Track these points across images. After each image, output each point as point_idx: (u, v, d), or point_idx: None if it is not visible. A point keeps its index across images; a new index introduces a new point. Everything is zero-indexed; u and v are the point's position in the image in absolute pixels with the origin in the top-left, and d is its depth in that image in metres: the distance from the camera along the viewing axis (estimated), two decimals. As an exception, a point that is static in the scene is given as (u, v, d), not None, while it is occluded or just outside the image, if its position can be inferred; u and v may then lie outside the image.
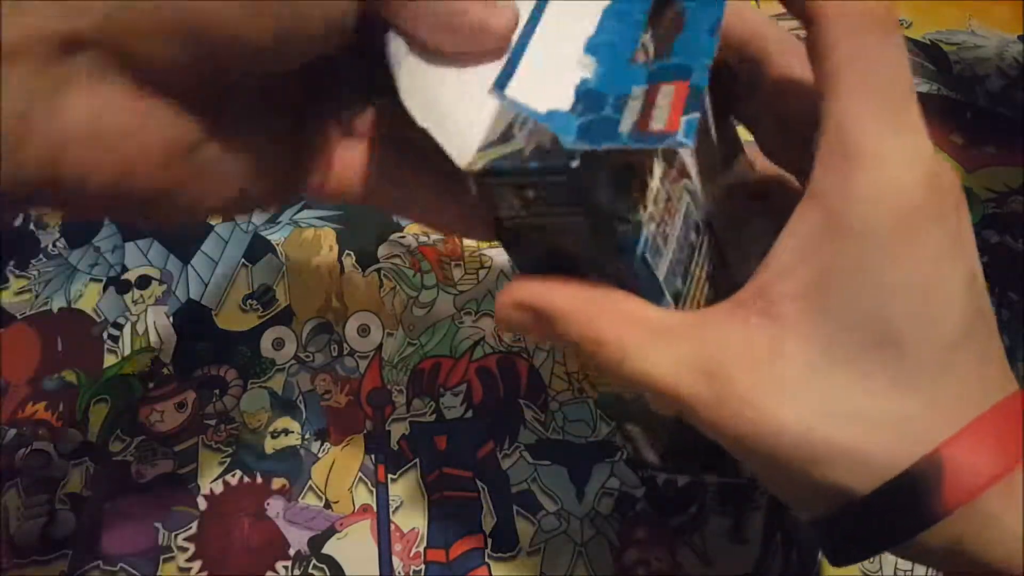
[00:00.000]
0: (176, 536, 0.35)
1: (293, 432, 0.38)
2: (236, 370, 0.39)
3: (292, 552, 0.35)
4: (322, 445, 0.37)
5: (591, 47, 0.21)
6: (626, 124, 0.19)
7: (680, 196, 0.23)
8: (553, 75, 0.20)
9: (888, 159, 0.19)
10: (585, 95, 0.20)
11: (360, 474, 0.37)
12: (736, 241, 0.26)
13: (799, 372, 0.19)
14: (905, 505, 0.19)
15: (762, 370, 0.20)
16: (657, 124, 0.19)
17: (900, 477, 0.19)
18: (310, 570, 0.35)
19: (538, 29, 0.21)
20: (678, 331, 0.21)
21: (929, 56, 0.50)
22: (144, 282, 0.42)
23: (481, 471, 0.37)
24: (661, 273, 0.22)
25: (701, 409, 0.20)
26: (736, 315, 0.20)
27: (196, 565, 0.35)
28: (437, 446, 0.37)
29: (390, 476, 0.37)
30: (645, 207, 0.21)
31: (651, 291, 0.22)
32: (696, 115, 0.19)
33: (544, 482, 0.37)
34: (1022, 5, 0.52)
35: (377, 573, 0.35)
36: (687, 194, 0.24)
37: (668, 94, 0.20)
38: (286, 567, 0.35)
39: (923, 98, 0.50)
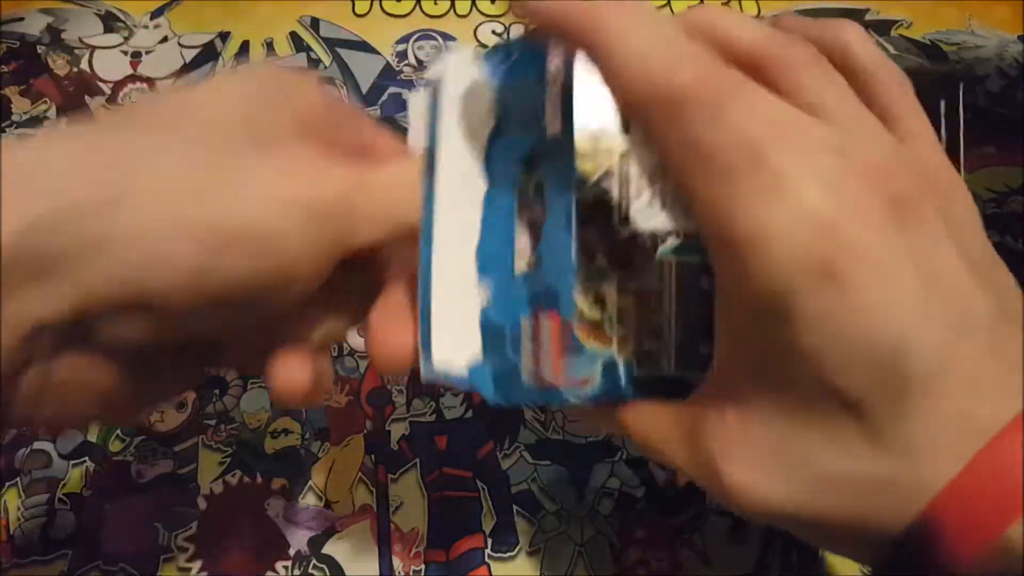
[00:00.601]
0: (176, 536, 0.35)
1: (293, 432, 0.38)
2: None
3: (292, 552, 0.35)
4: (322, 445, 0.37)
5: (481, 263, 0.24)
6: (527, 371, 0.23)
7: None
8: (460, 312, 0.23)
9: (768, 237, 0.18)
10: (487, 329, 0.23)
11: (360, 474, 0.37)
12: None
13: (772, 449, 0.20)
14: (918, 567, 0.19)
15: (741, 455, 0.20)
16: (546, 372, 0.23)
17: (903, 544, 0.19)
18: (310, 570, 0.35)
19: (435, 242, 0.24)
20: (675, 428, 0.22)
21: (929, 56, 0.50)
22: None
23: (481, 471, 0.37)
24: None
25: (710, 494, 0.21)
26: (713, 406, 0.21)
27: (196, 565, 0.35)
28: (437, 446, 0.37)
29: (390, 476, 0.37)
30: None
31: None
32: (576, 364, 0.23)
33: (544, 482, 0.37)
34: (1022, 5, 0.52)
35: (377, 573, 0.35)
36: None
37: (547, 331, 0.23)
38: (286, 567, 0.35)
39: (923, 98, 0.50)
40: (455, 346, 0.24)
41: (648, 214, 0.23)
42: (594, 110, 0.23)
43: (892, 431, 0.18)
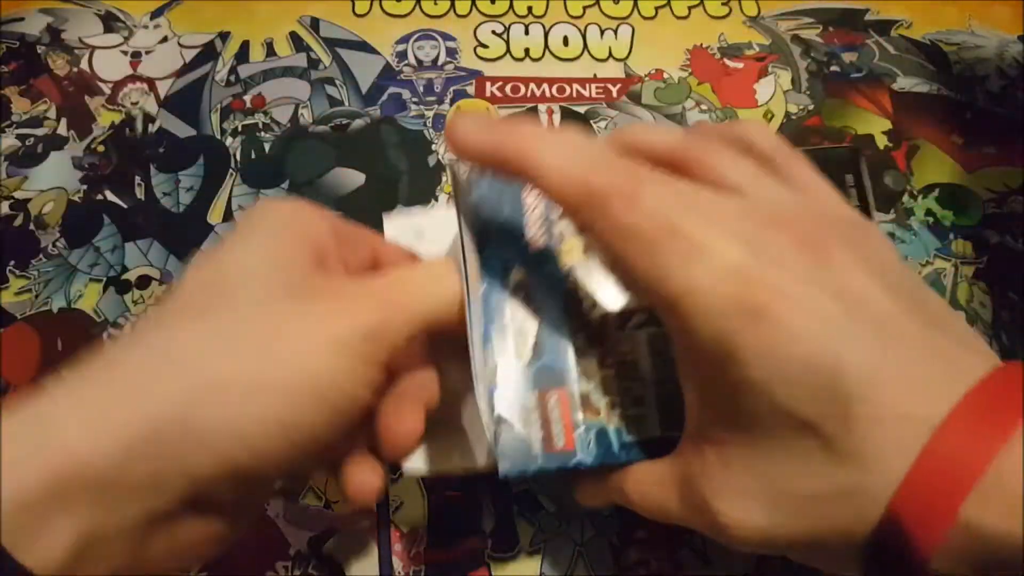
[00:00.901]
0: (176, 536, 0.35)
1: (293, 432, 0.38)
2: (236, 370, 0.39)
3: (292, 552, 0.35)
4: (322, 445, 0.37)
5: (487, 351, 0.27)
6: (536, 443, 0.26)
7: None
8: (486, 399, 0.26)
9: (695, 291, 0.21)
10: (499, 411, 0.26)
11: (360, 474, 0.37)
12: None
13: (753, 481, 0.22)
14: (895, 567, 0.20)
15: (728, 492, 0.23)
16: (559, 441, 0.26)
17: (875, 546, 0.20)
18: (310, 570, 0.35)
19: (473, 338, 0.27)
20: (669, 482, 0.25)
21: (929, 56, 0.50)
22: (144, 282, 0.42)
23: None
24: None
25: (711, 536, 0.23)
26: (695, 453, 0.24)
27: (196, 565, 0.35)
28: (437, 446, 0.37)
29: (390, 476, 0.37)
30: None
31: None
32: (585, 432, 0.26)
33: (544, 482, 0.37)
34: (1022, 5, 0.52)
35: (377, 573, 0.35)
36: None
37: (556, 404, 0.26)
38: (286, 567, 0.35)
39: (923, 98, 0.50)
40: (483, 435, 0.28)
41: (613, 297, 0.28)
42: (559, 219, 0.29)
43: (844, 443, 0.20)
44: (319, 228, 0.27)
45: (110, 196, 0.45)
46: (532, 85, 0.49)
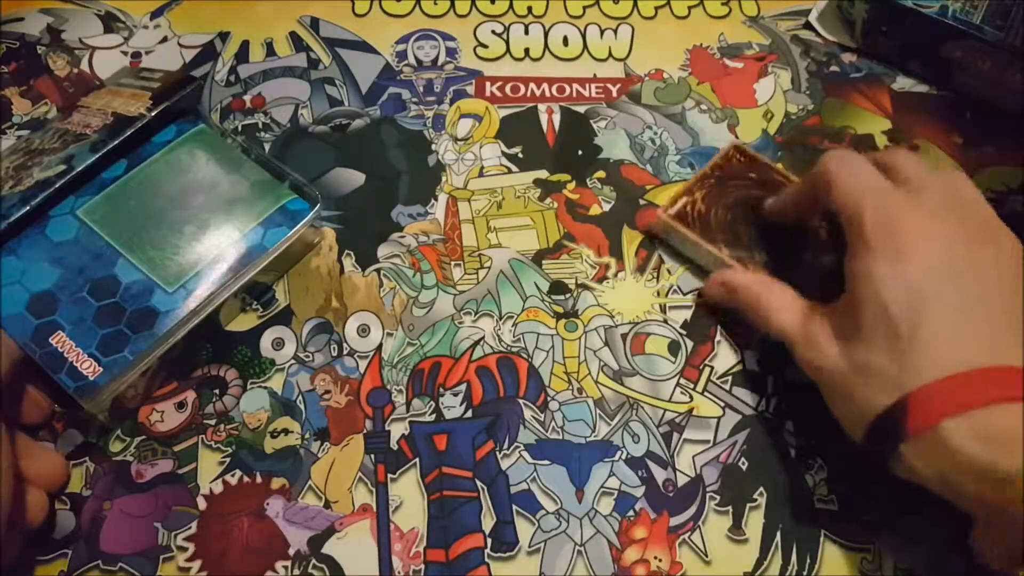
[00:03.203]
0: (176, 536, 0.35)
1: (293, 432, 0.38)
2: (236, 370, 0.39)
3: (292, 552, 0.35)
4: (322, 445, 0.38)
5: None
6: None
7: None
8: None
9: (876, 256, 0.33)
10: None
11: (360, 474, 0.37)
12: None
13: (844, 335, 0.33)
14: (888, 430, 0.31)
15: (828, 334, 0.34)
16: None
17: (887, 410, 0.31)
18: (310, 570, 0.35)
19: None
20: (800, 310, 0.36)
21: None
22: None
23: (481, 471, 0.37)
24: None
25: (798, 347, 0.35)
26: (828, 310, 0.35)
27: (196, 565, 0.35)
28: (436, 446, 0.37)
29: (390, 476, 0.37)
30: None
31: None
32: None
33: (544, 482, 0.37)
34: None
35: (377, 573, 0.35)
36: None
37: None
38: (286, 567, 0.35)
39: (923, 98, 0.50)
40: None
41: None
42: None
43: (905, 342, 0.31)
44: None
45: (110, 196, 0.45)
46: (532, 85, 0.49)
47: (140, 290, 0.37)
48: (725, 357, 0.40)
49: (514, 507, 0.36)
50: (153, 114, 0.41)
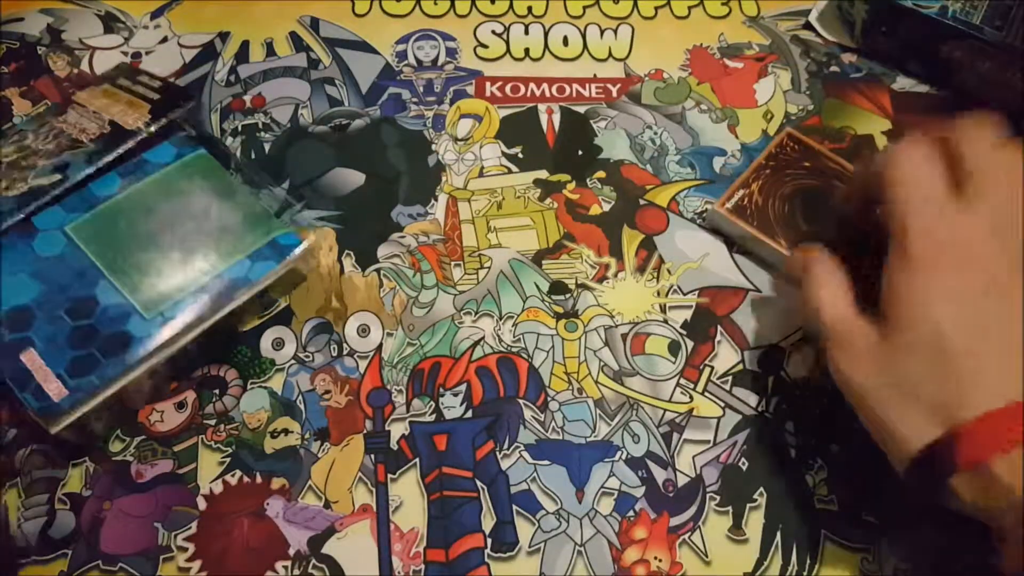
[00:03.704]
0: (176, 536, 0.35)
1: (293, 432, 0.38)
2: (236, 370, 0.39)
3: (292, 552, 0.35)
4: (322, 445, 0.38)
5: None
6: None
7: None
8: None
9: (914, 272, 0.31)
10: None
11: (360, 474, 0.37)
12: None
13: (883, 350, 0.31)
14: (935, 463, 0.29)
15: (868, 343, 0.32)
16: None
17: (936, 443, 0.29)
18: (310, 570, 0.35)
19: None
20: (845, 305, 0.34)
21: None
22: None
23: (481, 471, 0.37)
24: None
25: (832, 344, 0.33)
26: (871, 318, 0.33)
27: (196, 565, 0.35)
28: (436, 446, 0.37)
29: (390, 476, 0.37)
30: None
31: None
32: None
33: (544, 482, 0.37)
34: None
35: (377, 573, 0.35)
36: None
37: None
38: (286, 567, 0.35)
39: (923, 98, 0.50)
40: None
41: None
42: None
43: (957, 367, 0.29)
44: None
45: (110, 196, 0.45)
46: (532, 85, 0.49)
47: (117, 313, 0.36)
48: (725, 357, 0.40)
49: (514, 507, 0.36)
50: (152, 130, 0.41)
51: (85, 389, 0.35)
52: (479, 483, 0.37)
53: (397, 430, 0.38)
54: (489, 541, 0.35)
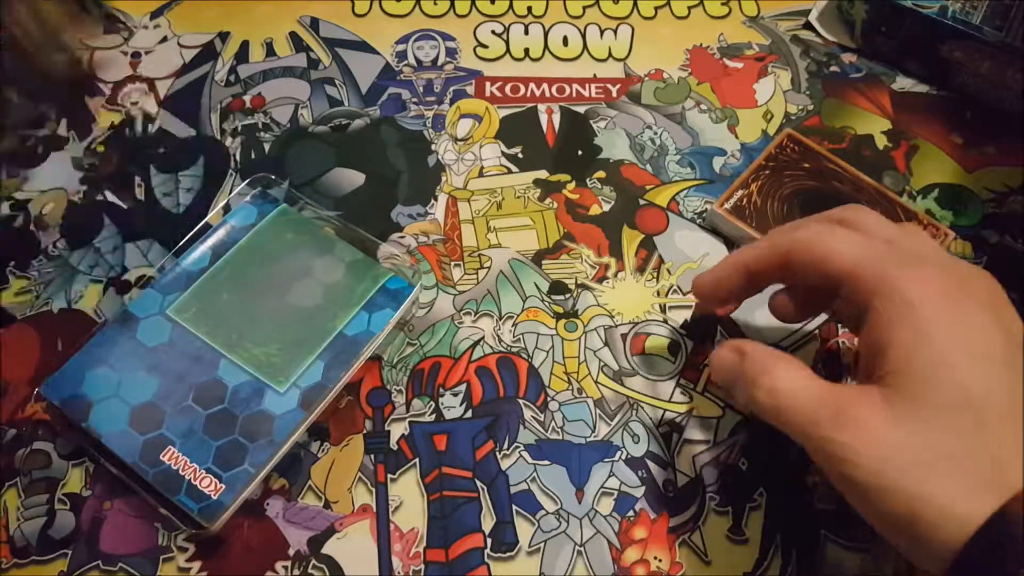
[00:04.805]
0: (176, 536, 0.35)
1: (293, 432, 0.38)
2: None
3: (292, 552, 0.35)
4: (322, 445, 0.38)
5: None
6: None
7: None
8: None
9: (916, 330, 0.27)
10: None
11: (360, 474, 0.37)
12: None
13: (898, 418, 0.26)
14: (1000, 536, 0.24)
15: (876, 412, 0.27)
16: None
17: (986, 528, 0.24)
18: (309, 570, 0.35)
19: None
20: (826, 388, 0.29)
21: (929, 56, 0.50)
22: (144, 282, 0.42)
23: (480, 471, 0.37)
24: None
25: (821, 426, 0.28)
26: (861, 388, 0.28)
27: (196, 565, 0.35)
28: (436, 446, 0.37)
29: (389, 476, 0.37)
30: None
31: None
32: None
33: (544, 482, 0.37)
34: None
35: (376, 573, 0.35)
36: None
37: None
38: (286, 567, 0.35)
39: (923, 98, 0.50)
40: None
41: None
42: None
43: (994, 430, 0.25)
44: None
45: (110, 196, 0.45)
46: (532, 85, 0.49)
47: (249, 393, 0.35)
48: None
49: (514, 507, 0.36)
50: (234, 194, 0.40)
51: (242, 479, 0.33)
52: (479, 483, 0.37)
53: (397, 430, 0.38)
54: (489, 541, 0.35)
